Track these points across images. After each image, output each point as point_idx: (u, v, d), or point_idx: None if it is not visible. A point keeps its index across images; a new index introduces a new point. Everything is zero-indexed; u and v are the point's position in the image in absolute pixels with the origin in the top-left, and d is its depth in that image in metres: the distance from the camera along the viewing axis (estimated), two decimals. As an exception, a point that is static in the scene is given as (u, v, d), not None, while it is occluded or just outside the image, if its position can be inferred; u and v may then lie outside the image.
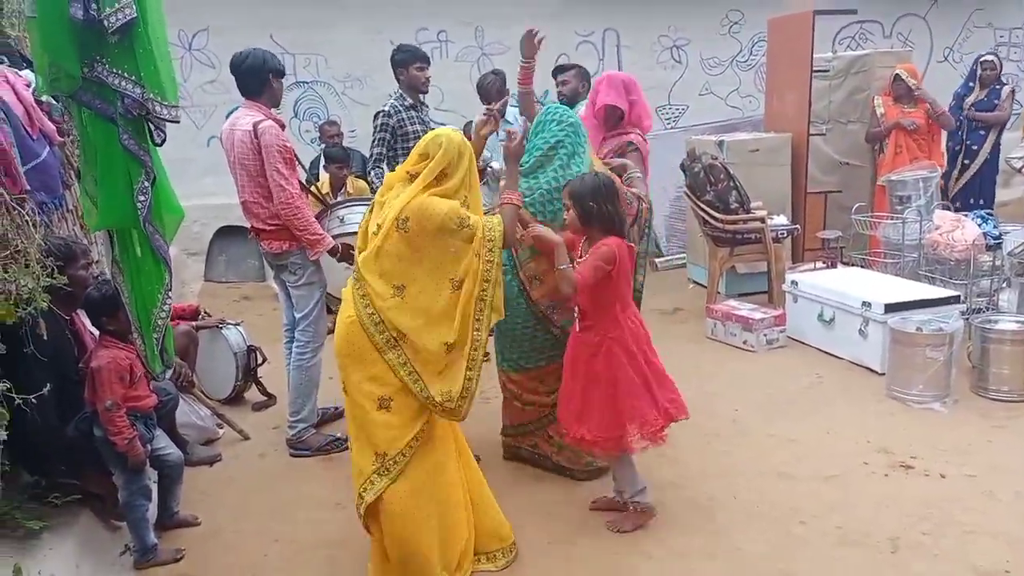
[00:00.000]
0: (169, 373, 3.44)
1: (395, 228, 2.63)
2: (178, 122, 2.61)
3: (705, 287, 6.15)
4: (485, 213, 2.90)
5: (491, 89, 5.47)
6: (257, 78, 3.84)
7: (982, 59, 6.81)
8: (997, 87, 6.67)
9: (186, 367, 4.05)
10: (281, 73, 3.93)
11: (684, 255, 7.41)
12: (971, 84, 6.87)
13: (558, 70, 5.44)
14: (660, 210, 7.91)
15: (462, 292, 2.67)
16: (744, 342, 5.20)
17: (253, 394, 4.68)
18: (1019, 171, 7.07)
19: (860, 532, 3.08)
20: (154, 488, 3.25)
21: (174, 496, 3.35)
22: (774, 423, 4.08)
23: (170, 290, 2.73)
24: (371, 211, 2.83)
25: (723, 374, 4.81)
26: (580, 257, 3.03)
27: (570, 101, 4.98)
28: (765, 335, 5.16)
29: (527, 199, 3.31)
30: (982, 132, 6.67)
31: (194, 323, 4.49)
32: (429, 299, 2.66)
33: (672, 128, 8.38)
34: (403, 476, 2.67)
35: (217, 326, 4.61)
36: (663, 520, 3.22)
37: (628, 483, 3.17)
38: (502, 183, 3.37)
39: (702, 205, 5.77)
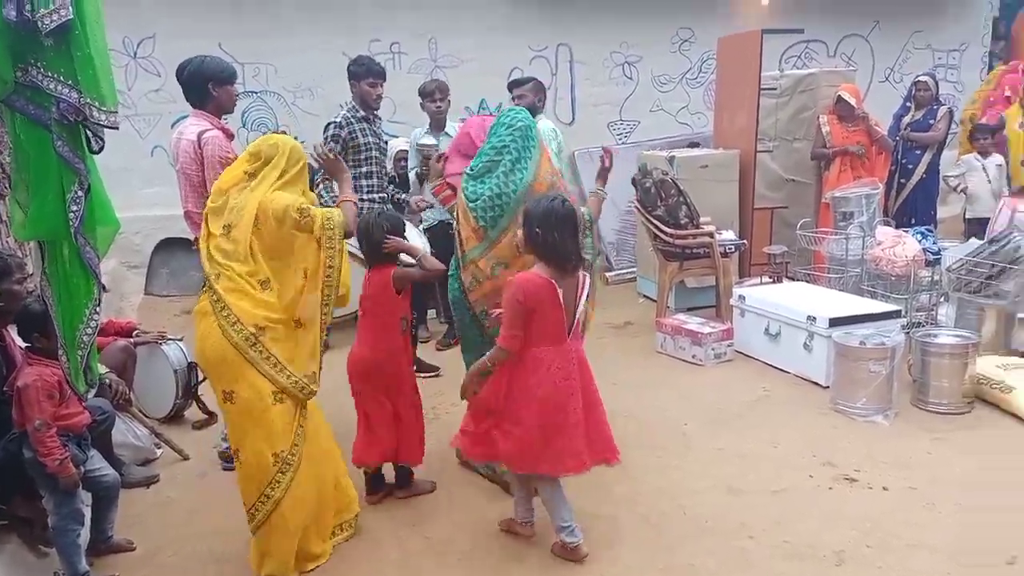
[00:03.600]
0: (94, 392, 3.31)
1: (254, 228, 2.85)
2: (117, 128, 2.51)
3: (655, 301, 6.19)
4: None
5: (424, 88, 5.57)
6: (197, 88, 3.76)
7: (917, 80, 7.02)
8: (934, 107, 6.87)
9: (123, 384, 3.91)
10: (225, 81, 3.81)
11: (634, 269, 7.46)
12: (908, 104, 7.08)
13: (513, 84, 5.46)
14: (611, 224, 7.98)
15: (309, 278, 2.90)
16: (693, 356, 5.24)
17: (193, 412, 4.55)
18: (954, 189, 7.32)
19: (806, 546, 3.10)
20: (87, 511, 3.12)
21: (108, 520, 3.22)
22: (722, 437, 4.11)
23: (99, 306, 2.63)
24: (205, 218, 2.99)
25: (673, 388, 4.84)
26: None
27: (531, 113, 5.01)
28: (713, 349, 5.21)
29: (471, 203, 3.31)
30: (917, 152, 6.86)
31: (132, 339, 4.35)
32: (287, 290, 2.89)
33: (623, 143, 8.46)
34: (296, 466, 2.90)
35: (156, 342, 4.47)
36: (616, 536, 3.21)
37: (552, 514, 3.10)
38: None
39: (652, 220, 5.82)
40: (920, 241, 5.59)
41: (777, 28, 7.46)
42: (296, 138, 3.11)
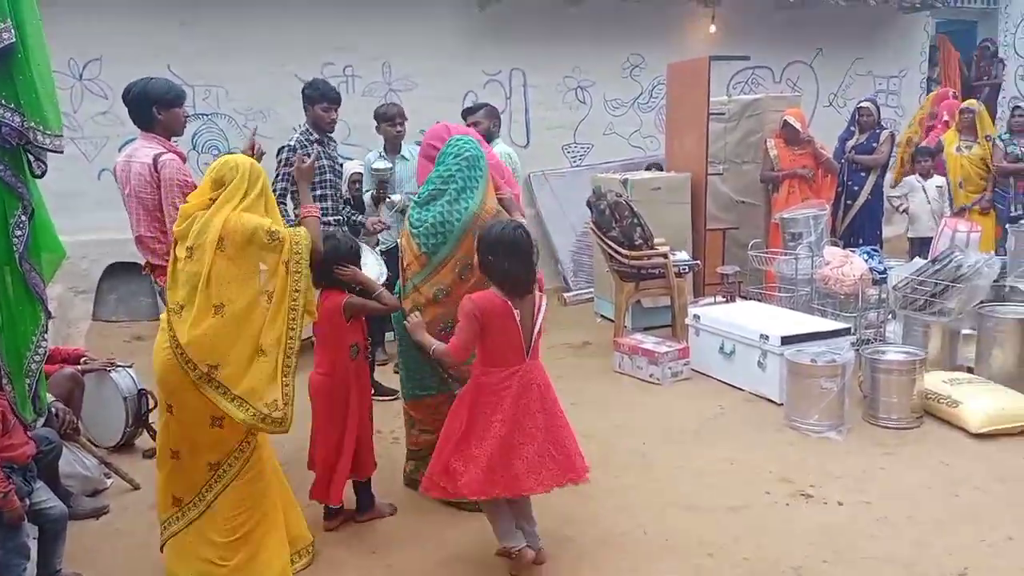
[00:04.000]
0: (42, 421, 3.21)
1: (216, 251, 2.76)
2: (61, 152, 2.47)
3: (612, 321, 6.25)
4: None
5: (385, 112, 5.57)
6: (141, 111, 3.70)
7: (859, 105, 7.28)
8: (877, 131, 7.11)
9: (70, 413, 3.78)
10: (171, 103, 3.74)
11: (592, 290, 7.52)
12: (852, 128, 7.31)
13: (467, 112, 5.48)
14: (567, 246, 8.05)
15: (273, 303, 2.83)
16: (650, 375, 5.28)
17: (144, 440, 4.43)
18: (897, 209, 7.56)
19: (765, 562, 3.14)
20: (33, 545, 3.00)
21: (56, 553, 3.09)
22: (680, 455, 4.14)
23: (46, 332, 2.57)
24: (174, 244, 2.93)
25: (630, 407, 4.87)
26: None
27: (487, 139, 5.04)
28: (670, 368, 5.27)
29: (415, 230, 3.31)
30: (862, 174, 7.09)
31: (80, 366, 4.23)
32: (246, 314, 2.80)
33: (578, 166, 8.55)
34: (231, 486, 2.88)
35: (105, 368, 4.35)
36: (576, 558, 3.20)
37: (497, 534, 3.10)
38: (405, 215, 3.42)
39: (608, 241, 5.88)
40: (867, 260, 5.74)
41: (724, 55, 7.66)
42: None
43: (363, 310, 3.38)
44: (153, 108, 3.69)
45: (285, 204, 4.64)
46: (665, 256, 5.88)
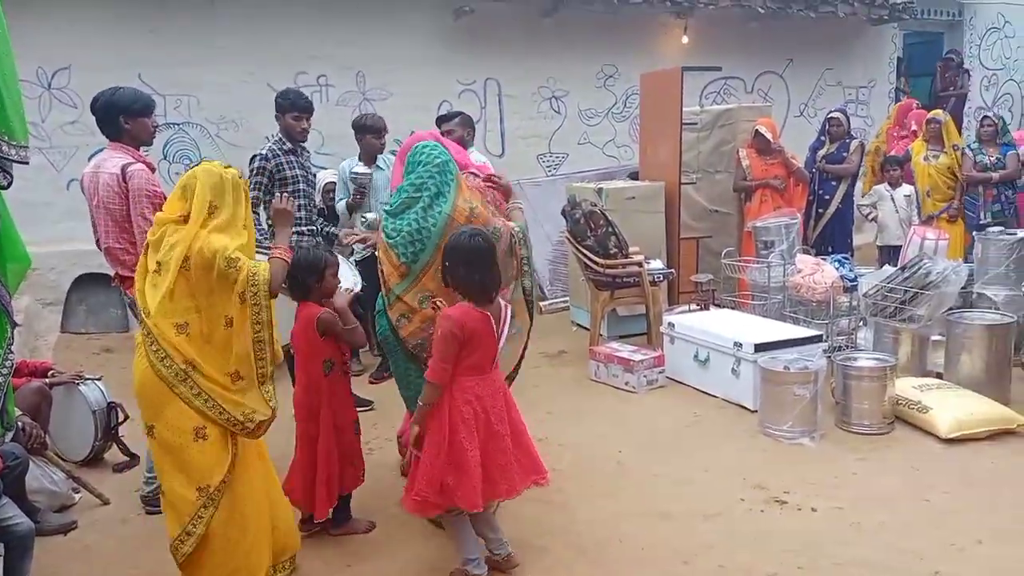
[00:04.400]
0: (9, 436, 3.14)
1: (180, 270, 2.73)
2: (27, 163, 2.42)
3: (588, 329, 6.26)
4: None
5: (374, 124, 5.49)
6: (108, 121, 3.65)
7: (830, 116, 7.38)
8: (847, 141, 7.22)
9: (37, 427, 3.72)
10: (138, 113, 3.67)
11: (567, 298, 7.53)
12: (823, 138, 7.41)
13: (442, 119, 5.48)
14: (543, 254, 8.06)
15: (233, 330, 2.77)
16: (626, 383, 5.30)
17: (114, 454, 4.36)
18: (867, 218, 7.67)
19: (740, 569, 3.15)
20: (-2, 563, 2.95)
21: (23, 570, 3.02)
22: (656, 463, 4.15)
23: (12, 345, 2.51)
24: (145, 250, 2.89)
25: (607, 415, 4.88)
26: None
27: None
28: (645, 376, 5.28)
29: (391, 240, 3.26)
30: (833, 183, 7.18)
31: (47, 379, 4.16)
32: (208, 335, 2.77)
33: (553, 175, 8.58)
34: (221, 504, 2.79)
35: (73, 381, 4.28)
36: (552, 567, 3.20)
37: (457, 547, 3.09)
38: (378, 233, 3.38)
39: (583, 250, 5.90)
40: (838, 268, 5.81)
41: (697, 66, 7.73)
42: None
43: (332, 330, 3.35)
44: (120, 118, 3.64)
45: (258, 214, 4.61)
46: (640, 265, 5.90)
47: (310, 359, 3.36)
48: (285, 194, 3.08)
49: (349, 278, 4.35)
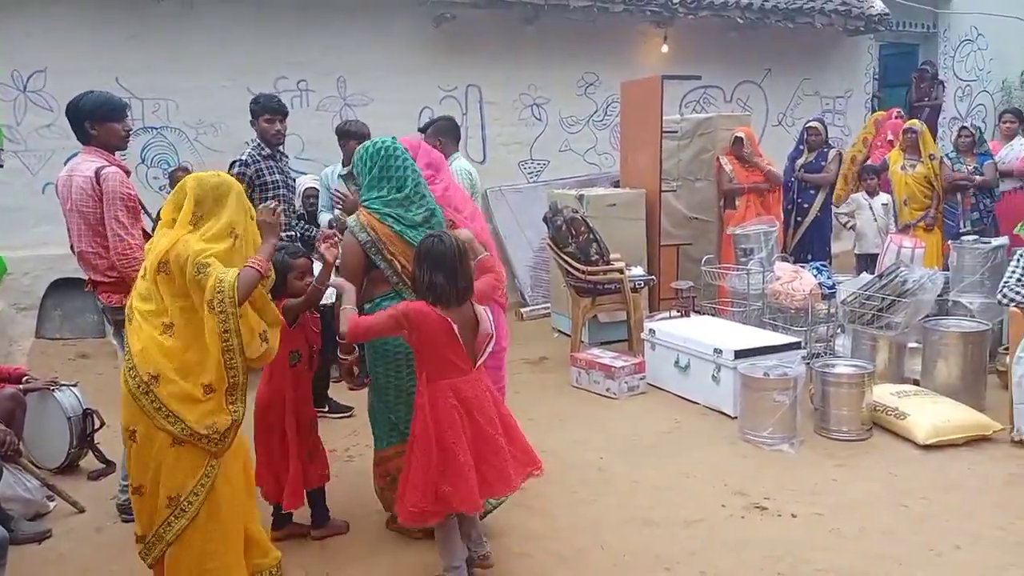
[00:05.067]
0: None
1: (158, 271, 2.73)
2: (1, 166, 2.39)
3: (569, 336, 6.26)
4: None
5: (357, 130, 5.43)
6: (76, 126, 3.62)
7: (808, 125, 7.47)
8: (825, 150, 7.30)
9: (11, 434, 3.65)
10: (105, 118, 3.61)
11: (548, 305, 7.54)
12: (801, 148, 7.49)
13: (421, 130, 5.45)
14: (524, 261, 8.07)
15: (207, 334, 2.71)
16: (607, 390, 5.31)
17: (90, 462, 4.30)
18: (844, 226, 7.75)
19: (721, 575, 3.16)
20: (-31, 573, 2.89)
21: (-6, 580, 2.98)
22: (637, 469, 4.16)
23: (-14, 351, 2.47)
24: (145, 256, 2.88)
25: (587, 422, 4.88)
26: None
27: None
28: (626, 382, 5.29)
29: (414, 232, 3.21)
30: (811, 191, 7.26)
31: (21, 386, 4.09)
32: (190, 338, 2.72)
33: (534, 182, 8.59)
34: (195, 516, 2.73)
35: (48, 387, 4.22)
36: (534, 573, 3.19)
37: (442, 553, 3.07)
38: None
39: (564, 256, 5.91)
40: (816, 276, 5.86)
41: (676, 74, 7.78)
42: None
43: (298, 310, 3.36)
44: (85, 123, 3.59)
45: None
46: (621, 271, 5.92)
47: (279, 354, 3.31)
48: (271, 205, 3.02)
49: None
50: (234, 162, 4.76)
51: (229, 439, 2.79)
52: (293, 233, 4.95)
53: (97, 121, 3.60)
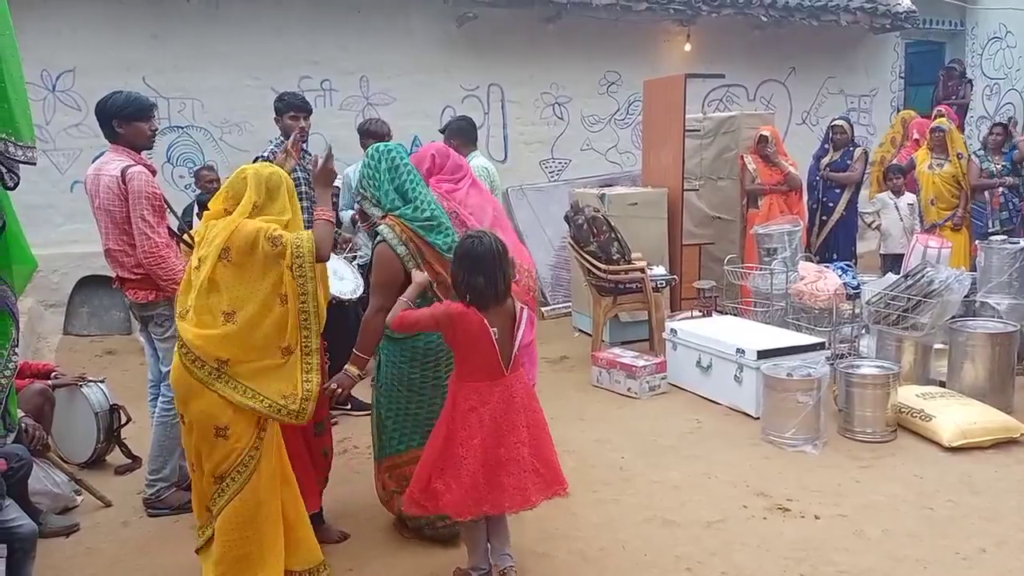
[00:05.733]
0: (12, 437, 3.13)
1: (219, 259, 2.80)
2: (34, 163, 2.43)
3: (590, 335, 6.26)
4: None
5: (377, 129, 5.44)
6: (105, 124, 3.68)
7: (833, 123, 7.40)
8: (850, 149, 7.23)
9: (40, 429, 3.72)
10: (132, 117, 3.66)
11: (569, 304, 7.53)
12: (826, 146, 7.42)
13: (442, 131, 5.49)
14: (545, 260, 8.07)
15: (288, 306, 2.84)
16: (628, 389, 5.29)
17: (116, 457, 4.36)
18: (870, 226, 7.67)
19: (743, 576, 3.15)
20: (1, 564, 2.93)
21: (25, 572, 3.01)
22: (658, 469, 4.15)
23: (16, 347, 2.51)
24: (194, 249, 2.98)
25: (609, 421, 4.87)
26: None
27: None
28: (648, 382, 5.28)
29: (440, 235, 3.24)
30: (837, 190, 7.20)
31: (50, 381, 4.16)
32: (259, 318, 2.81)
33: (556, 181, 8.59)
34: (236, 498, 2.82)
35: (76, 383, 4.28)
36: (555, 573, 3.19)
37: (469, 552, 3.09)
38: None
39: (585, 255, 5.90)
40: (840, 276, 5.80)
41: (700, 73, 7.75)
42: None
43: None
44: (113, 122, 3.65)
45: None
46: (642, 271, 5.90)
47: None
48: (324, 154, 3.11)
49: (351, 281, 4.35)
50: (257, 158, 4.80)
51: (309, 408, 2.88)
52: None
53: (124, 120, 3.66)
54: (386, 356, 3.33)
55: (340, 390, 3.12)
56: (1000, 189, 6.84)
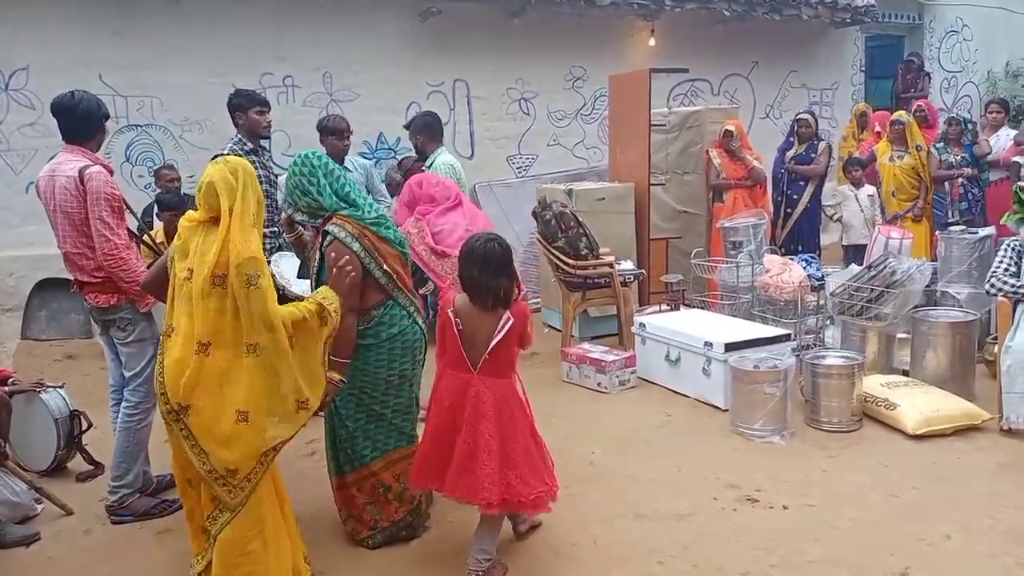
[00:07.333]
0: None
1: (211, 284, 2.59)
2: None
3: (559, 331, 6.26)
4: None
5: (335, 126, 5.37)
6: (91, 124, 3.60)
7: (798, 117, 7.47)
8: (815, 142, 7.30)
9: (-3, 437, 3.63)
10: (106, 117, 3.72)
11: (539, 300, 7.52)
12: (791, 140, 7.49)
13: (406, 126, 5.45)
14: (514, 256, 8.03)
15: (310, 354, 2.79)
16: (598, 384, 5.30)
17: (78, 463, 4.26)
18: (831, 218, 7.77)
19: (714, 568, 3.16)
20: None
21: (-19, 585, 2.96)
22: (629, 463, 4.16)
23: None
24: (172, 260, 2.77)
25: (579, 417, 4.87)
26: None
27: (420, 152, 5.09)
28: (617, 376, 5.29)
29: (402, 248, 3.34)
30: (801, 183, 7.27)
31: (7, 387, 4.05)
32: (234, 361, 2.60)
33: (523, 177, 8.57)
34: (238, 516, 2.69)
35: (34, 389, 4.18)
36: (528, 568, 3.19)
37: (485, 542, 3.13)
38: None
39: (554, 251, 5.90)
40: (805, 268, 5.86)
41: (664, 68, 7.78)
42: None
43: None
44: (103, 122, 3.68)
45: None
46: (611, 266, 5.92)
47: None
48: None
49: (295, 283, 4.22)
50: (215, 157, 4.71)
51: (242, 498, 2.70)
52: (275, 228, 4.91)
53: (102, 120, 3.68)
54: (359, 364, 3.23)
55: (327, 397, 3.06)
56: (960, 180, 6.95)
